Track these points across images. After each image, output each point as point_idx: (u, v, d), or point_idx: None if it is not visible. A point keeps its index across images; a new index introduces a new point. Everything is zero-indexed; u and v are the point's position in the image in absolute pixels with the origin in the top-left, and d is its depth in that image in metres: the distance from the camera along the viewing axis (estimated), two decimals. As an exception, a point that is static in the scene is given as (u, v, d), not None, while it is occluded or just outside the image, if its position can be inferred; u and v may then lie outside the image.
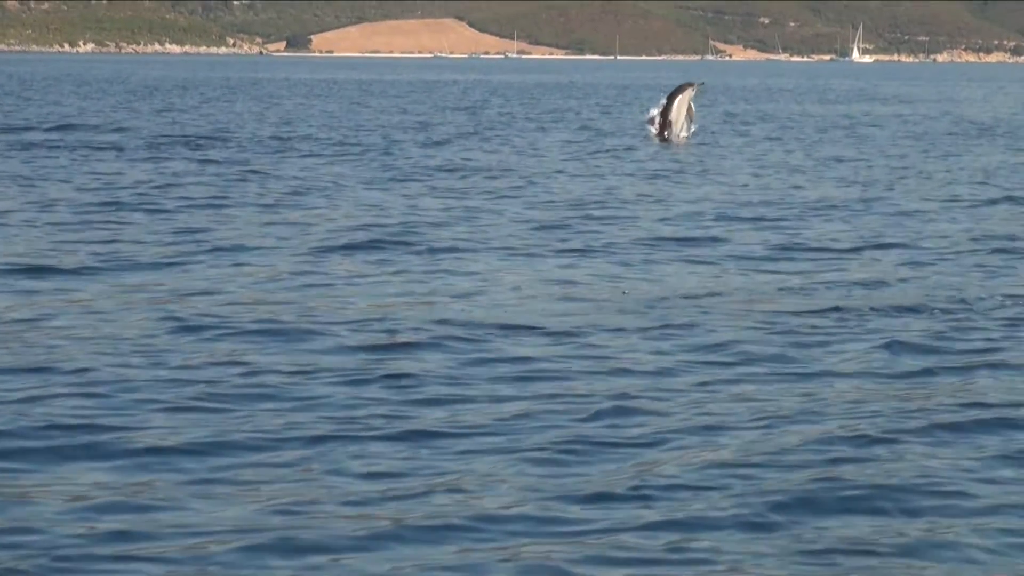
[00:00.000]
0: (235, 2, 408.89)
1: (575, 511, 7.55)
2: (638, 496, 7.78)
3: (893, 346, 11.54)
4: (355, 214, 20.90)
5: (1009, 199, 25.02)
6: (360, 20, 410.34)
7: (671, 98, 38.43)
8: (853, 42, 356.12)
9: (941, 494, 7.91)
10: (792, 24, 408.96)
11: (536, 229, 19.69)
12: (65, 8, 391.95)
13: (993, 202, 24.59)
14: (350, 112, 55.08)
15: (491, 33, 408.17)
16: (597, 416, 9.40)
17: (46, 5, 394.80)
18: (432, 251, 17.16)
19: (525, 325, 12.48)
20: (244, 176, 27.02)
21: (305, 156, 32.24)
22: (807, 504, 7.66)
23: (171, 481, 7.95)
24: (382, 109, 58.62)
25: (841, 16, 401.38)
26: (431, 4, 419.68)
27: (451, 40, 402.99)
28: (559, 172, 29.05)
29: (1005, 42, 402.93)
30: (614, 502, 7.66)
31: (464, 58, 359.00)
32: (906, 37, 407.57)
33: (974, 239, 19.32)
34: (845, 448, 8.69)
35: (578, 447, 8.69)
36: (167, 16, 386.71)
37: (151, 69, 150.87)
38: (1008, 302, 13.93)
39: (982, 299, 14.11)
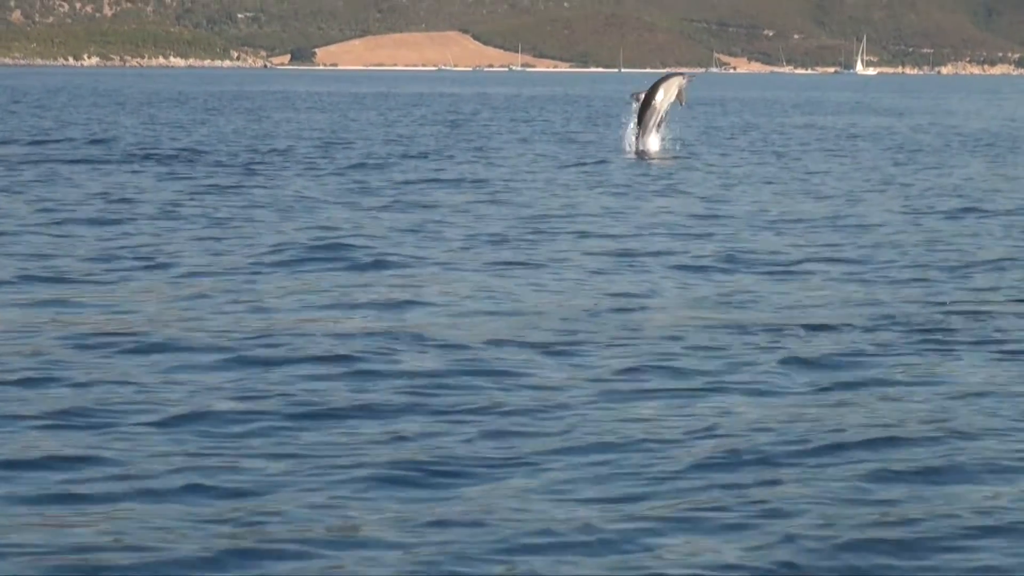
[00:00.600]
0: (240, 15, 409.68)
1: (393, 535, 7.31)
2: (475, 524, 7.53)
3: (791, 363, 11.29)
4: (304, 229, 20.67)
5: (974, 211, 24.78)
6: (364, 33, 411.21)
7: (657, 84, 37.88)
8: (857, 55, 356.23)
9: (813, 514, 7.67)
10: (796, 36, 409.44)
11: (486, 243, 19.45)
12: (70, 21, 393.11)
13: (956, 215, 24.35)
14: (333, 125, 54.91)
15: (495, 46, 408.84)
16: (472, 436, 9.15)
17: (51, 19, 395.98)
18: (369, 265, 16.91)
19: (434, 339, 12.25)
20: (207, 190, 26.82)
21: (276, 170, 32.01)
22: (682, 527, 7.45)
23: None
24: (369, 121, 58.46)
25: (845, 28, 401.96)
26: (435, 17, 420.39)
27: (455, 53, 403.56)
28: (526, 185, 28.82)
29: (1009, 54, 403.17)
30: (454, 527, 7.41)
31: (468, 71, 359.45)
32: (910, 49, 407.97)
33: (927, 253, 19.07)
34: (720, 473, 8.44)
35: (440, 467, 8.44)
36: (171, 30, 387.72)
37: (150, 83, 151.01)
38: (938, 320, 13.64)
39: (910, 316, 13.84)
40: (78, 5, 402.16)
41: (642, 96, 37.81)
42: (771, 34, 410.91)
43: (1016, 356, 11.99)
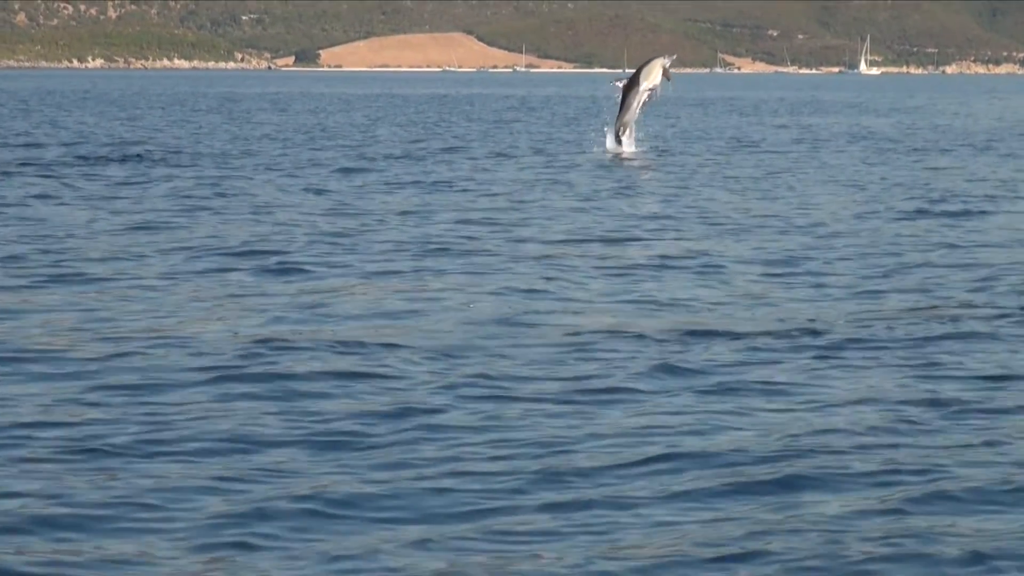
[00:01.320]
0: (244, 17, 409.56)
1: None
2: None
3: (662, 370, 11.14)
4: (233, 232, 20.52)
5: (926, 213, 24.57)
6: (369, 35, 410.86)
7: (639, 69, 38.01)
8: (861, 55, 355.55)
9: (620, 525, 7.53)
10: (801, 36, 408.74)
11: (413, 246, 19.31)
12: (74, 24, 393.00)
13: (910, 216, 24.15)
14: (306, 127, 54.78)
15: (500, 47, 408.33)
16: (313, 442, 9.03)
17: (55, 21, 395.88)
18: (282, 271, 16.76)
19: (325, 342, 12.13)
20: (157, 193, 26.72)
21: (234, 172, 31.87)
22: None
23: None
24: (349, 122, 58.33)
25: (850, 28, 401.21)
26: (440, 19, 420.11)
27: (459, 54, 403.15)
28: (476, 188, 28.68)
29: (1015, 53, 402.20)
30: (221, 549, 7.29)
31: (473, 72, 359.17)
32: (915, 49, 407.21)
33: (864, 256, 18.89)
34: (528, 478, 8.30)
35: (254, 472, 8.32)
36: (175, 32, 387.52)
37: (149, 84, 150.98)
38: (843, 328, 13.42)
39: (812, 321, 13.66)
40: (82, 7, 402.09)
41: (625, 83, 37.94)
42: (775, 34, 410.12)
43: (889, 366, 11.82)
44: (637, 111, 37.96)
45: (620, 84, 38.18)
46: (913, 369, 11.56)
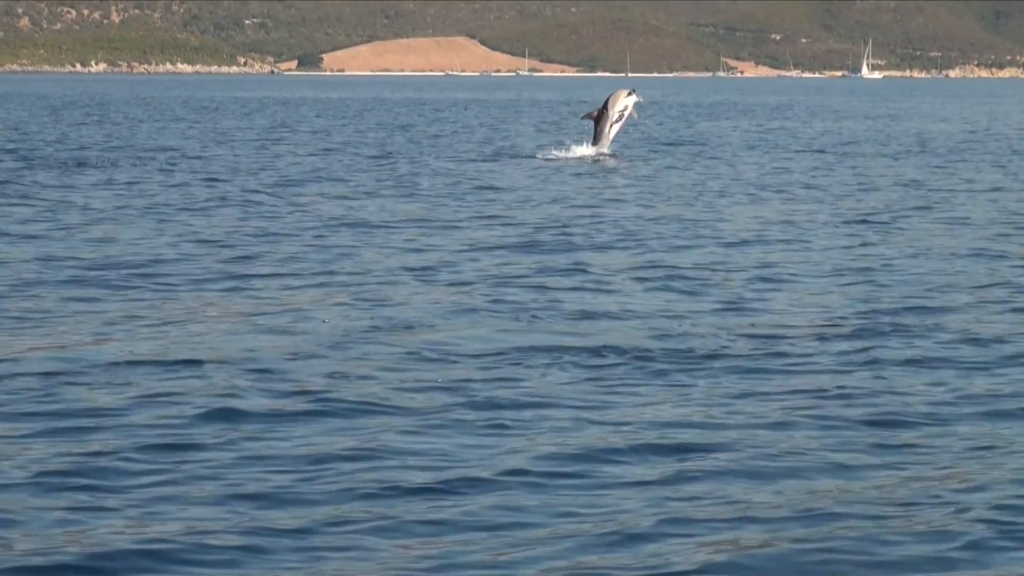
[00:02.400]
0: (247, 21, 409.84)
1: None
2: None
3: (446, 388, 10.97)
4: (113, 247, 20.12)
5: (864, 223, 24.15)
6: (371, 39, 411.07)
7: (607, 100, 39.33)
8: (863, 58, 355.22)
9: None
10: (804, 41, 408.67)
11: (287, 258, 18.91)
12: (77, 28, 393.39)
13: (838, 226, 23.82)
14: (265, 131, 54.57)
15: (503, 51, 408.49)
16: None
17: (59, 25, 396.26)
18: (130, 287, 16.39)
19: (137, 357, 11.95)
20: (60, 199, 26.53)
21: (151, 181, 31.53)
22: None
23: None
24: (314, 129, 58.06)
25: (853, 32, 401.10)
26: (443, 23, 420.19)
27: (462, 58, 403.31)
28: (404, 195, 28.45)
29: (1018, 57, 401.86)
30: None
31: (475, 76, 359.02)
32: (918, 53, 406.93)
33: (760, 267, 18.63)
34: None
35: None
36: (179, 36, 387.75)
37: (142, 88, 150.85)
38: (683, 343, 13.17)
39: (668, 336, 13.41)
40: (86, 12, 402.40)
41: (595, 114, 39.41)
42: (778, 38, 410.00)
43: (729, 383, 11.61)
44: (611, 137, 39.25)
45: (592, 115, 39.61)
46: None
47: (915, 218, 24.97)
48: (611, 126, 38.93)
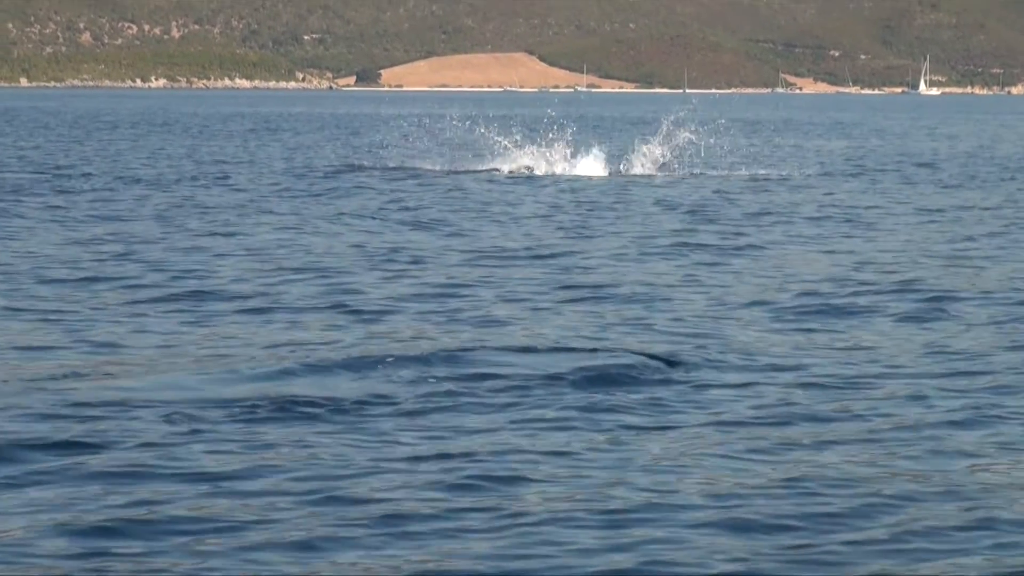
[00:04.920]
0: (306, 37, 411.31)
1: None
2: None
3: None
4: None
5: (752, 247, 23.57)
6: (430, 55, 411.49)
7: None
8: (921, 75, 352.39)
9: None
10: (863, 57, 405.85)
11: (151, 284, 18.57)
12: (138, 43, 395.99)
13: (738, 250, 23.23)
14: (238, 150, 54.37)
15: (561, 67, 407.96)
16: None
17: (119, 40, 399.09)
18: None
19: None
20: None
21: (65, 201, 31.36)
22: None
23: None
24: (295, 145, 57.81)
25: (913, 48, 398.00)
26: (501, 39, 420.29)
27: (521, 74, 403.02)
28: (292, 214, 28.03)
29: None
30: None
31: (534, 92, 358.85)
32: (979, 69, 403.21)
33: (612, 285, 18.08)
34: None
35: None
36: (237, 51, 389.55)
37: (188, 104, 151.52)
38: (466, 370, 12.67)
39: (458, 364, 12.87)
40: (147, 27, 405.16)
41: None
42: (837, 54, 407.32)
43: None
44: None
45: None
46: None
47: None
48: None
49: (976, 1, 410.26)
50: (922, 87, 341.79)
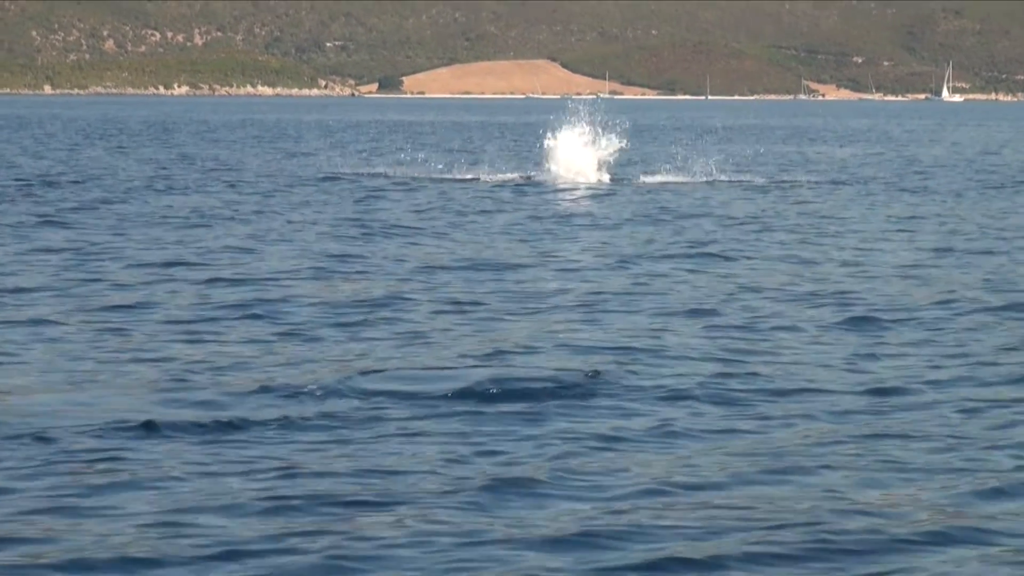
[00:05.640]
0: (328, 44, 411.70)
1: None
2: None
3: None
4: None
5: (716, 256, 23.34)
6: (452, 62, 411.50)
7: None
8: (944, 81, 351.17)
9: None
10: (886, 63, 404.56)
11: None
12: (161, 51, 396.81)
13: (688, 258, 22.94)
14: (217, 155, 54.25)
15: (583, 74, 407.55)
16: None
17: (143, 48, 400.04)
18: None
19: None
20: None
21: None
22: None
23: None
24: (272, 151, 57.67)
25: (936, 55, 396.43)
26: (524, 46, 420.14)
27: (543, 81, 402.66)
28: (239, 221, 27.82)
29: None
30: None
31: (556, 99, 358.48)
32: (1003, 76, 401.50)
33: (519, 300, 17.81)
34: None
35: None
36: (260, 58, 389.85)
37: (206, 112, 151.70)
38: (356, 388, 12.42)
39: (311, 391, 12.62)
40: (170, 35, 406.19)
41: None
42: (860, 61, 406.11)
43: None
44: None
45: None
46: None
47: None
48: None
49: (1001, 7, 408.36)
50: (945, 94, 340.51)
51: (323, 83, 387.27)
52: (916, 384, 12.99)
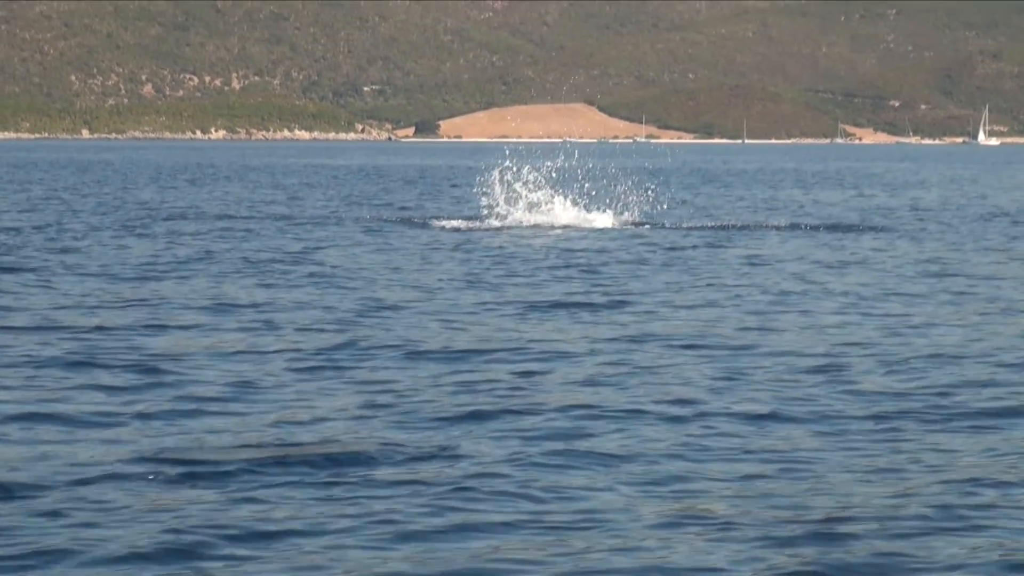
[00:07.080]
0: (365, 88, 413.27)
1: None
2: None
3: None
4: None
5: (623, 305, 22.78)
6: (489, 106, 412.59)
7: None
8: (980, 124, 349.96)
9: None
10: (923, 107, 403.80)
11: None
12: (199, 95, 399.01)
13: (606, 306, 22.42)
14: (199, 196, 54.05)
15: (620, 117, 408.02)
16: None
17: (180, 92, 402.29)
18: None
19: None
20: None
21: None
22: None
23: None
24: (259, 195, 57.42)
25: (974, 98, 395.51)
26: (561, 89, 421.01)
27: (580, 125, 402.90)
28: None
29: None
30: None
31: (593, 143, 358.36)
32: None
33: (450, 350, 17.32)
34: None
35: None
36: (297, 103, 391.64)
37: (230, 156, 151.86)
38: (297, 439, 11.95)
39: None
40: (207, 79, 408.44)
41: None
42: (897, 104, 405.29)
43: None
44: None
45: None
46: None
47: None
48: None
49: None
50: (981, 137, 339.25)
51: (360, 127, 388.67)
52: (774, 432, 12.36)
